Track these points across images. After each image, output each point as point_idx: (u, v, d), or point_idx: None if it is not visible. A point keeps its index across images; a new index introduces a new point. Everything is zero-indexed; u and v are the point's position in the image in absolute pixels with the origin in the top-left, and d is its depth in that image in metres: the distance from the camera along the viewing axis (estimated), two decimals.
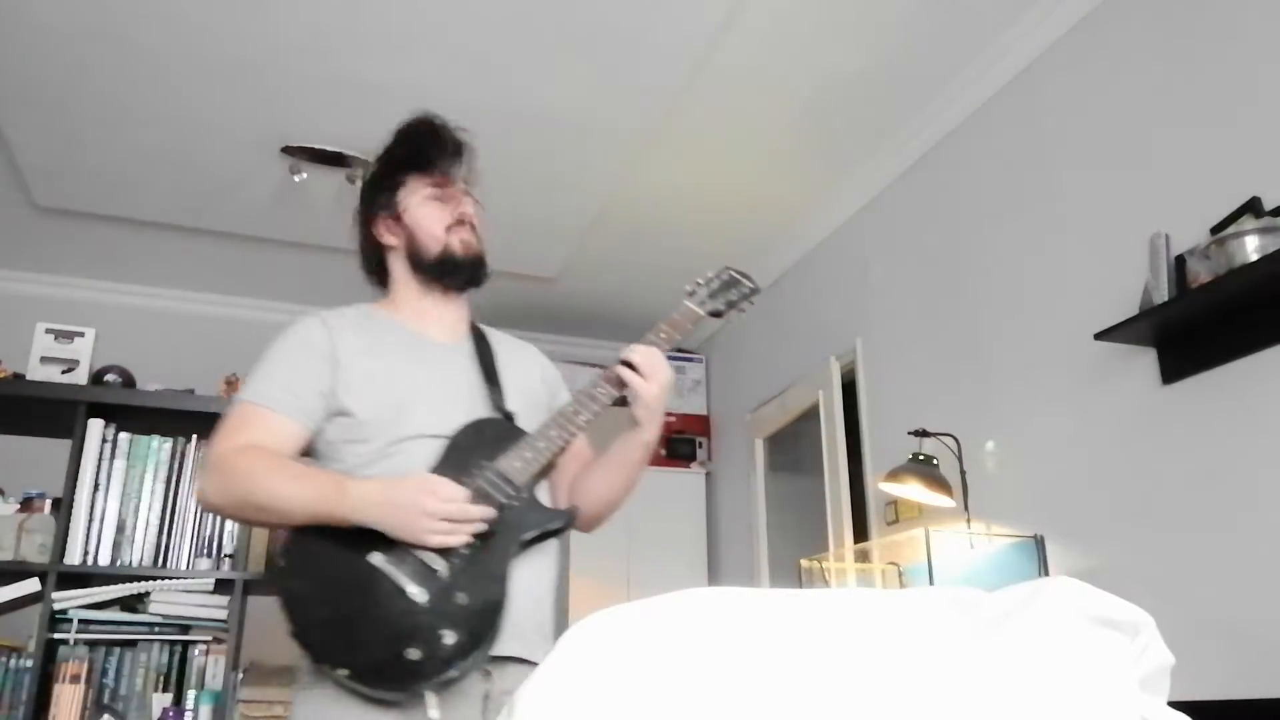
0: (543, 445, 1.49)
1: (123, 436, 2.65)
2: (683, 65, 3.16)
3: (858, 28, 3.02)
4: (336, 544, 1.37)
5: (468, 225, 1.65)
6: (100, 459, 2.61)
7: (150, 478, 2.64)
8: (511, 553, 1.42)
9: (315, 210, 4.10)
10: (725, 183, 3.94)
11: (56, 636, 2.45)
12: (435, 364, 1.59)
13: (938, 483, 2.86)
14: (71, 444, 2.59)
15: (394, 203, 1.65)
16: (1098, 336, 2.43)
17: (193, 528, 2.66)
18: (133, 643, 2.51)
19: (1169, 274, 2.30)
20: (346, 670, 1.32)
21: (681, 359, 5.08)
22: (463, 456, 1.46)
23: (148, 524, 2.61)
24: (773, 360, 4.42)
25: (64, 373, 2.72)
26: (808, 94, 3.36)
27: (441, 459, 1.46)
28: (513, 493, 1.43)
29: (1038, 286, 2.86)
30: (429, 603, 1.33)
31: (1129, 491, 2.46)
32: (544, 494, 1.57)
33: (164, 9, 2.89)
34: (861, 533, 3.57)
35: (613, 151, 3.68)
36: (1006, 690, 0.72)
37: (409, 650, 1.30)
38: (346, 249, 1.76)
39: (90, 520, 2.56)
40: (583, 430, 1.55)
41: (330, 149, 3.65)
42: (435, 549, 1.36)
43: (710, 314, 1.69)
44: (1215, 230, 2.20)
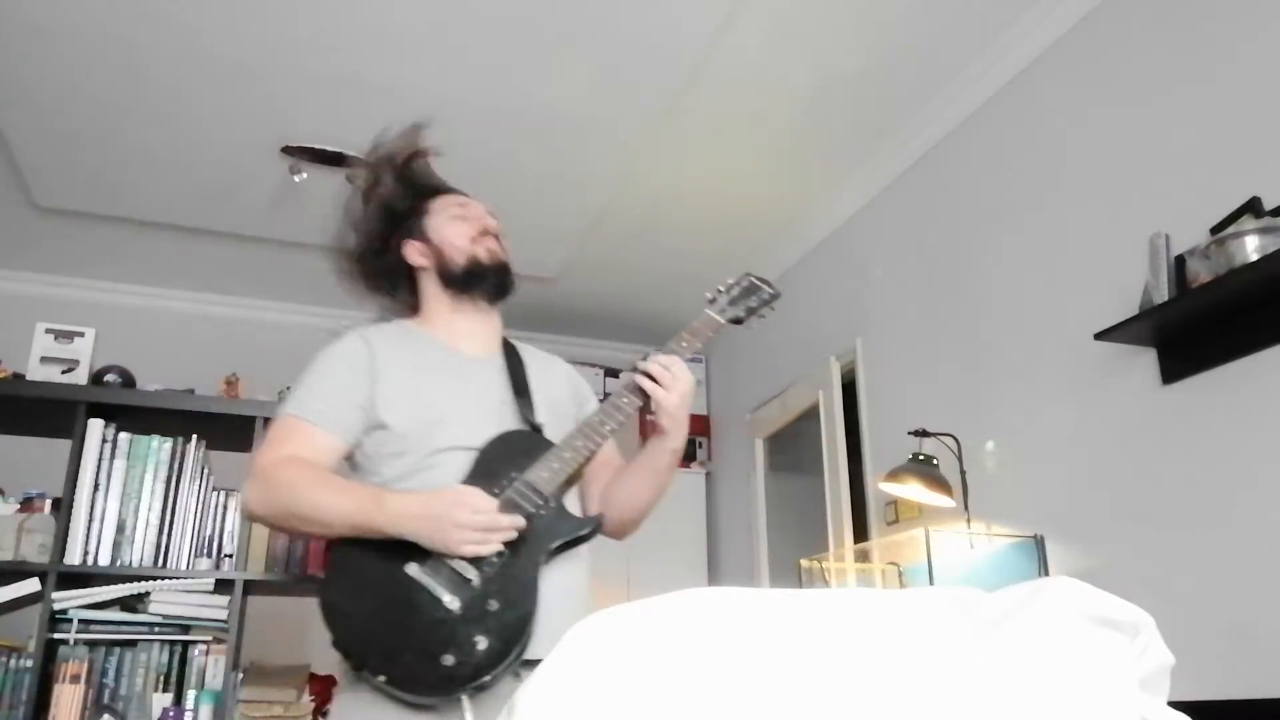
0: (569, 455, 1.54)
1: (123, 436, 2.65)
2: (683, 65, 3.16)
3: (858, 28, 3.02)
4: (375, 555, 1.43)
5: (492, 235, 1.73)
6: (100, 459, 2.61)
7: (150, 478, 2.64)
8: (541, 560, 1.47)
9: (315, 210, 4.07)
10: (725, 183, 3.94)
11: (56, 636, 2.45)
12: (468, 378, 1.65)
13: (938, 483, 2.87)
14: (71, 444, 2.59)
15: (421, 226, 1.73)
16: (1098, 336, 2.43)
17: (192, 528, 2.66)
18: (133, 643, 2.51)
19: (1169, 274, 2.30)
20: (384, 677, 1.38)
21: None
22: (492, 468, 1.52)
23: (148, 524, 2.61)
24: (773, 360, 4.42)
25: (64, 373, 2.72)
26: (808, 94, 3.36)
27: (472, 470, 1.52)
28: (541, 502, 1.49)
29: (1038, 286, 2.86)
30: (462, 610, 1.39)
31: (1129, 491, 2.46)
32: (573, 502, 1.62)
33: (164, 9, 2.89)
34: (861, 533, 3.57)
35: (613, 151, 3.68)
36: (1006, 690, 0.72)
37: (444, 657, 1.36)
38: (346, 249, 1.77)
39: (90, 520, 2.56)
40: (608, 439, 1.60)
41: (330, 149, 3.65)
42: (468, 559, 1.41)
43: (731, 321, 1.72)
44: (1215, 230, 2.20)
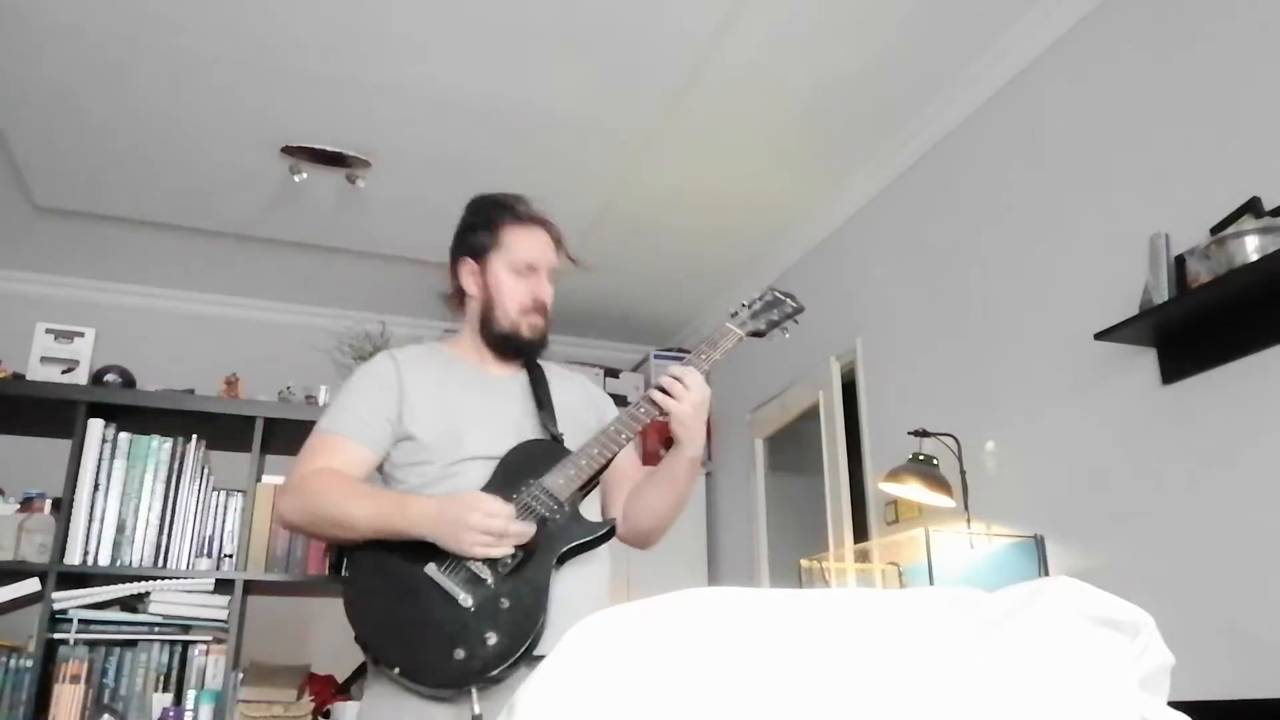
0: (585, 462, 1.61)
1: (123, 436, 2.65)
2: (683, 65, 3.17)
3: (858, 28, 3.02)
4: (397, 557, 1.53)
5: (541, 310, 1.79)
6: (100, 459, 2.61)
7: (150, 478, 2.64)
8: (554, 562, 1.54)
9: (315, 210, 4.10)
10: (725, 183, 3.94)
11: (56, 636, 2.45)
12: (491, 393, 1.75)
13: (938, 483, 2.86)
14: (71, 444, 2.59)
15: (486, 257, 1.77)
16: (1098, 336, 2.43)
17: (192, 528, 2.66)
18: (133, 643, 2.51)
19: (1169, 274, 2.30)
20: (399, 669, 1.46)
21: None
22: (512, 475, 1.60)
23: (148, 524, 2.61)
24: (773, 360, 4.41)
25: (64, 373, 2.72)
26: (808, 94, 3.36)
27: (492, 477, 1.61)
28: (555, 506, 1.56)
29: (1038, 286, 2.86)
30: (475, 608, 1.47)
31: (1129, 491, 2.46)
32: (592, 509, 1.68)
33: (164, 9, 2.89)
34: (861, 533, 3.57)
35: (613, 151, 3.68)
36: (1007, 690, 0.72)
37: (456, 651, 1.44)
38: (346, 249, 1.79)
39: (90, 520, 2.56)
40: (624, 447, 1.65)
41: (330, 149, 3.65)
42: (483, 560, 1.49)
43: (751, 334, 1.76)
44: (1215, 230, 2.20)
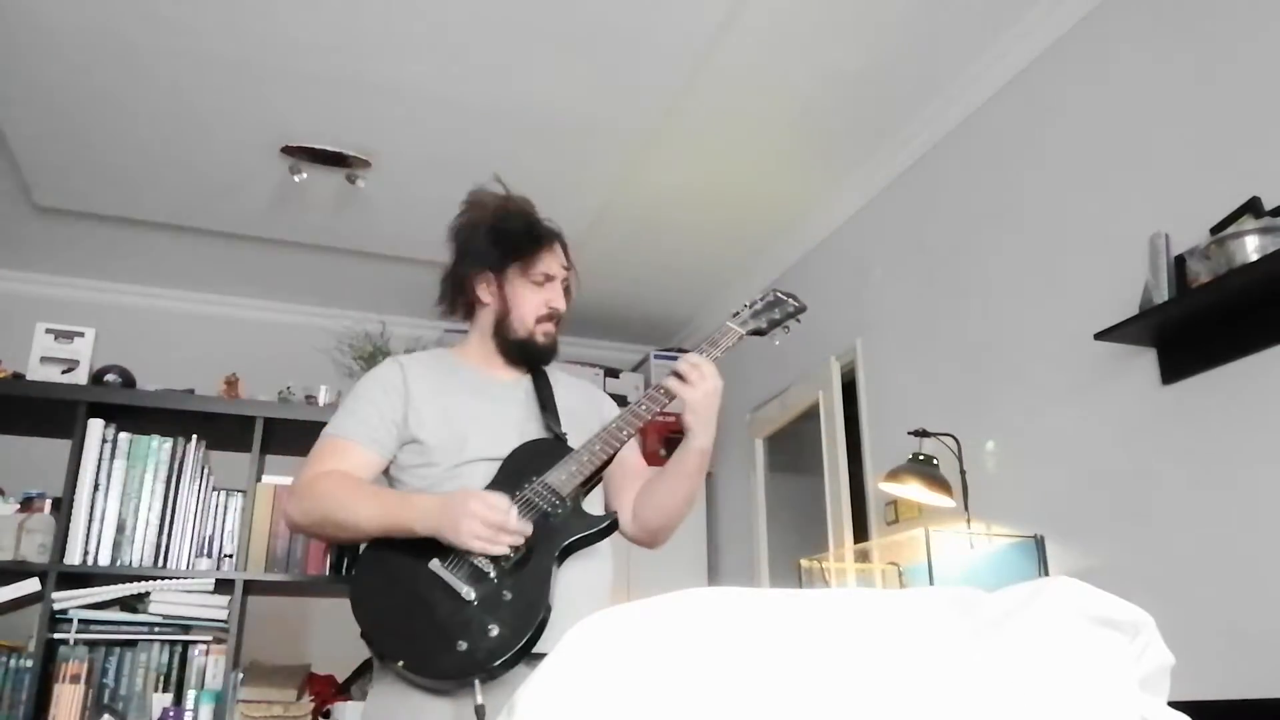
0: (587, 459, 1.62)
1: (123, 436, 2.65)
2: (683, 65, 3.17)
3: (858, 28, 3.02)
4: (402, 554, 1.55)
5: (556, 319, 1.81)
6: (100, 459, 2.61)
7: (150, 478, 2.64)
8: (556, 556, 1.56)
9: (315, 210, 4.10)
10: (725, 183, 3.94)
11: (56, 636, 2.45)
12: (496, 397, 1.77)
13: (938, 483, 2.86)
14: (71, 444, 2.59)
15: (503, 271, 1.78)
16: (1098, 336, 2.43)
17: (192, 528, 2.65)
18: (133, 643, 2.51)
19: (1169, 274, 2.30)
20: (402, 662, 1.49)
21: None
22: (515, 473, 1.63)
23: (148, 524, 2.61)
24: (773, 360, 4.41)
25: (64, 373, 2.72)
26: (808, 94, 3.36)
27: (495, 477, 1.64)
28: (557, 501, 1.58)
29: (1038, 286, 2.86)
30: (478, 601, 1.49)
31: (1129, 491, 2.46)
32: (594, 505, 1.69)
33: (164, 9, 2.89)
34: (861, 533, 3.57)
35: (613, 151, 3.68)
36: (1006, 690, 0.72)
37: (459, 643, 1.46)
38: (347, 249, 1.79)
39: (90, 520, 2.56)
40: (625, 444, 1.67)
41: (330, 149, 3.65)
42: (486, 555, 1.50)
43: (752, 333, 1.77)
44: (1215, 230, 2.20)
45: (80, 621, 2.47)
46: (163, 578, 2.56)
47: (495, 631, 1.46)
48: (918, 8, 2.93)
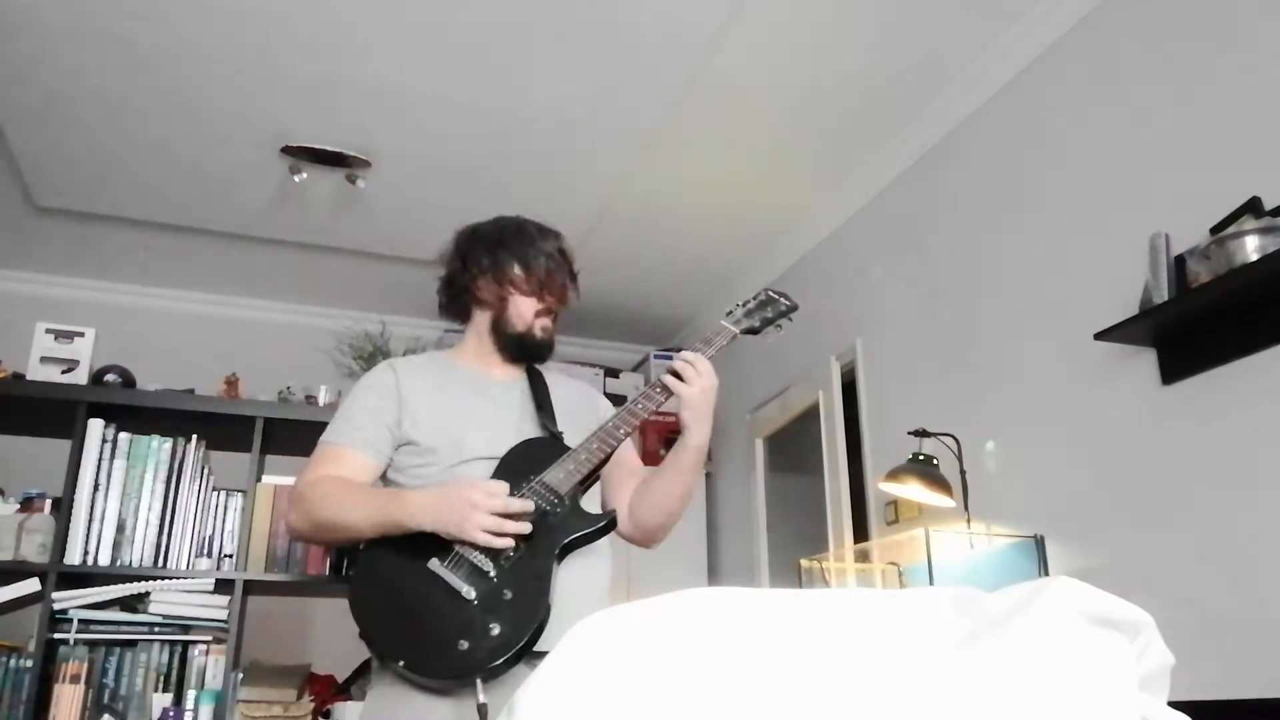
0: (584, 457, 1.63)
1: (123, 436, 2.65)
2: (683, 65, 3.17)
3: (858, 28, 3.02)
4: (400, 553, 1.55)
5: (553, 315, 1.82)
6: (100, 459, 2.61)
7: (150, 478, 2.64)
8: (555, 554, 1.55)
9: (315, 210, 4.10)
10: (725, 183, 3.94)
11: (56, 636, 2.45)
12: (492, 397, 1.77)
13: (938, 483, 2.86)
14: (71, 444, 2.59)
15: (501, 281, 1.78)
16: (1098, 336, 2.43)
17: (192, 528, 2.65)
18: (133, 643, 2.51)
19: (1169, 274, 2.30)
20: (403, 662, 1.48)
21: None
22: (513, 472, 1.62)
23: (148, 524, 2.61)
24: (773, 360, 4.41)
25: (64, 373, 2.72)
26: (808, 94, 3.36)
27: (493, 475, 1.62)
28: (556, 500, 1.58)
29: (1038, 286, 2.86)
30: (478, 600, 1.48)
31: (1129, 491, 2.46)
32: (592, 503, 1.70)
33: (164, 9, 2.89)
34: (861, 533, 3.57)
35: (613, 151, 3.68)
36: (1006, 691, 0.71)
37: (460, 642, 1.45)
38: (347, 249, 1.79)
39: (90, 520, 2.56)
40: (623, 442, 1.67)
41: (330, 149, 3.65)
42: (485, 553, 1.50)
43: (745, 332, 1.78)
44: (1215, 230, 2.19)
45: (80, 621, 2.47)
46: (163, 578, 2.56)
47: (497, 630, 1.45)
48: (918, 8, 2.93)
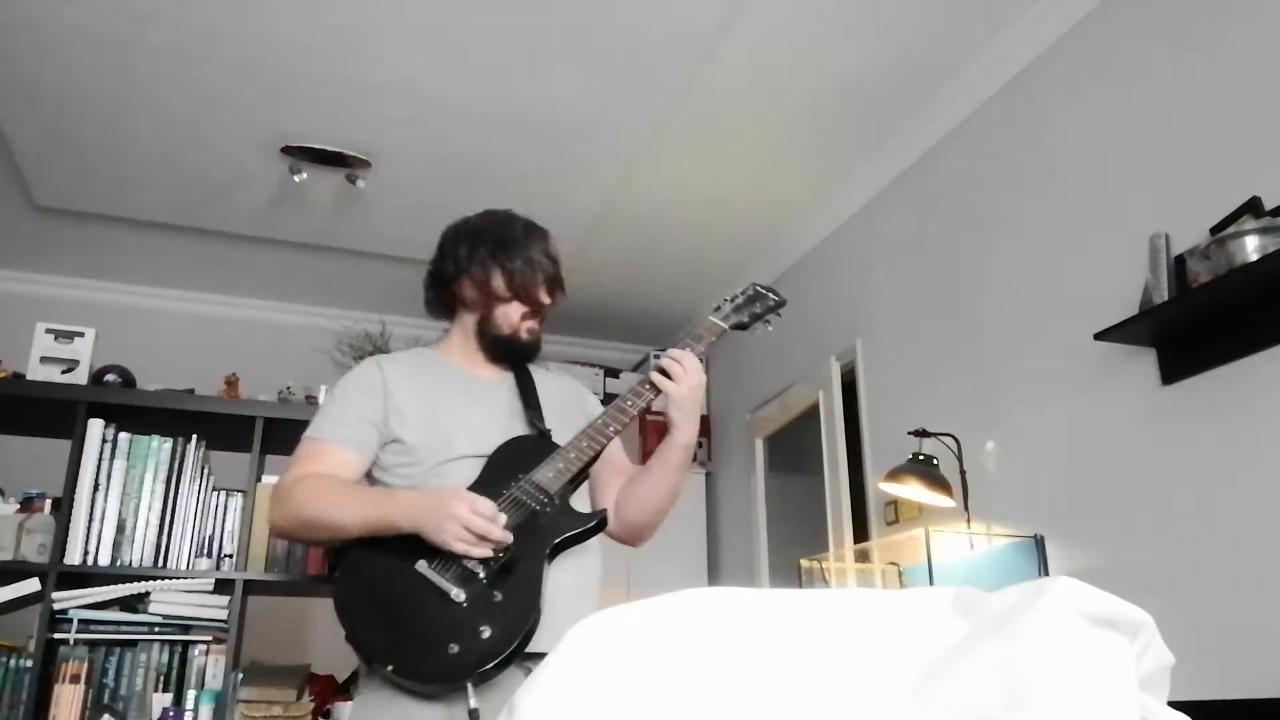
0: (574, 455, 1.60)
1: (123, 436, 2.64)
2: (683, 65, 3.17)
3: (858, 28, 3.02)
4: (387, 554, 1.51)
5: (539, 317, 1.80)
6: (100, 459, 2.60)
7: (150, 478, 2.64)
8: (546, 555, 1.53)
9: (315, 210, 4.10)
10: (726, 183, 3.94)
11: (56, 636, 2.45)
12: (479, 394, 1.74)
13: (938, 483, 2.86)
14: (71, 444, 2.59)
15: (483, 271, 1.75)
16: (1098, 336, 2.43)
17: (193, 528, 2.65)
18: (133, 643, 2.51)
19: (1169, 274, 2.30)
20: (392, 666, 1.45)
21: None
22: (500, 471, 1.60)
23: (148, 524, 2.61)
24: (773, 360, 4.42)
25: (64, 373, 2.72)
26: (808, 94, 3.36)
27: (480, 475, 1.60)
28: (545, 500, 1.56)
29: (1038, 286, 2.86)
30: (468, 602, 1.45)
31: (1129, 491, 2.46)
32: (581, 502, 1.67)
33: (164, 9, 2.89)
34: (861, 533, 3.57)
35: (613, 151, 3.68)
36: (1007, 691, 0.71)
37: (450, 646, 1.43)
38: (347, 249, 1.79)
39: (90, 520, 2.56)
40: (612, 440, 1.65)
41: (330, 149, 3.65)
42: (465, 556, 1.47)
43: (734, 327, 1.77)
44: (1215, 230, 2.20)
45: (80, 621, 2.47)
46: (163, 578, 2.56)
47: (487, 633, 1.43)
48: (918, 8, 2.93)
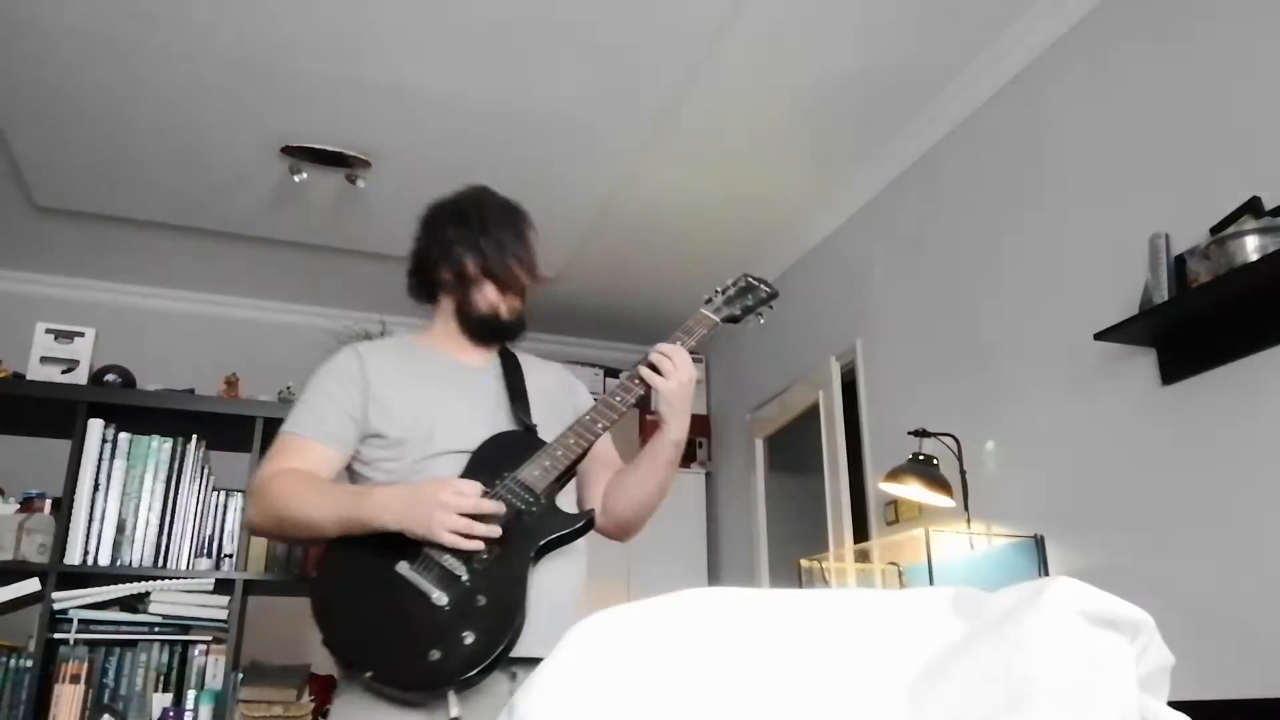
0: (560, 453, 1.55)
1: (123, 436, 2.65)
2: (683, 66, 3.17)
3: (858, 28, 3.02)
4: (366, 555, 1.46)
5: (520, 293, 1.73)
6: (100, 459, 2.61)
7: (150, 478, 2.64)
8: (530, 556, 1.47)
9: (315, 210, 4.10)
10: (725, 183, 3.94)
11: (56, 636, 2.45)
12: (463, 385, 1.67)
13: (938, 483, 2.86)
14: (71, 444, 2.59)
15: (461, 253, 1.70)
16: (1098, 336, 2.43)
17: (193, 528, 2.65)
18: (133, 643, 2.51)
19: (1169, 274, 2.30)
20: (371, 673, 1.39)
21: None
22: (485, 468, 1.53)
23: (148, 524, 2.61)
24: (773, 360, 4.42)
25: (64, 373, 2.72)
26: (808, 94, 3.36)
27: (464, 471, 1.53)
28: (531, 499, 1.50)
29: (1037, 286, 2.86)
30: (450, 606, 1.40)
31: (1129, 491, 2.46)
32: (568, 500, 1.62)
33: (164, 9, 2.89)
34: (861, 533, 3.57)
35: (613, 151, 3.68)
36: (1006, 691, 0.71)
37: (431, 652, 1.37)
38: (347, 249, 1.78)
39: (90, 520, 2.56)
40: (600, 437, 1.59)
41: (330, 149, 3.65)
42: (457, 556, 1.42)
43: (726, 320, 1.73)
44: (1215, 230, 2.19)
45: (80, 621, 2.47)
46: (163, 578, 2.56)
47: (470, 639, 1.37)
48: (918, 8, 2.93)
